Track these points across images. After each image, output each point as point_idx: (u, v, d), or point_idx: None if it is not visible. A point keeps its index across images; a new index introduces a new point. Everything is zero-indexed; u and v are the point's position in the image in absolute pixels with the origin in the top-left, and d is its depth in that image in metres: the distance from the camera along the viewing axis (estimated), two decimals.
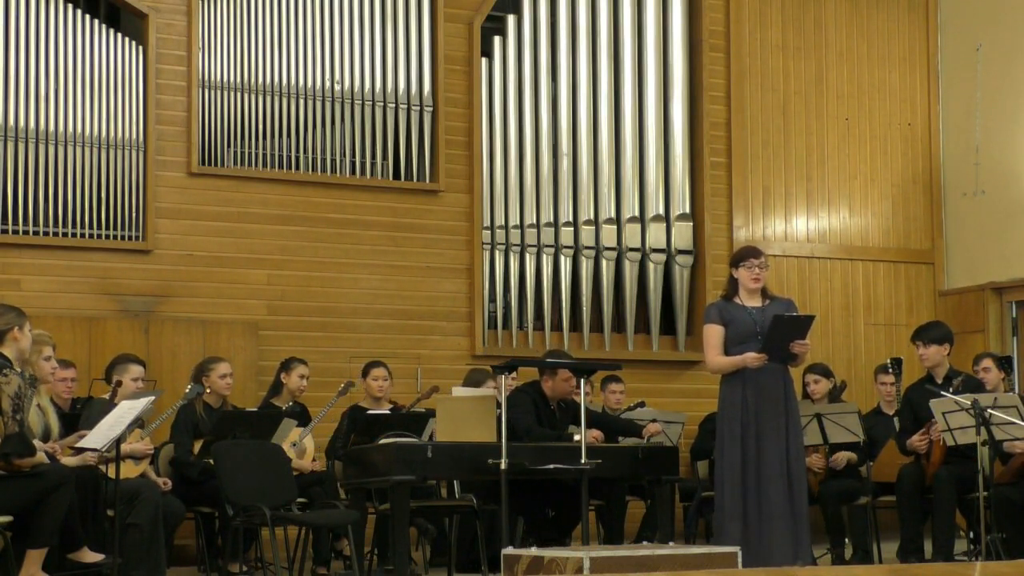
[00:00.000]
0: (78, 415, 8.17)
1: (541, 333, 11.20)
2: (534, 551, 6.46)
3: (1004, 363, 9.38)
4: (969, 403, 7.85)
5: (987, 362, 9.14)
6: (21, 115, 9.78)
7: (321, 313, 10.51)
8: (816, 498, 8.86)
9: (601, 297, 11.35)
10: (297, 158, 10.59)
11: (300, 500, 8.30)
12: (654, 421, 9.61)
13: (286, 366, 9.21)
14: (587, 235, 11.34)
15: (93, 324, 9.77)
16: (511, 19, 11.35)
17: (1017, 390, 10.50)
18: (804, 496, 7.56)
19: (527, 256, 11.17)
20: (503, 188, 11.17)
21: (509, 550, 6.62)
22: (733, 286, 7.68)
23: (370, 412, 8.89)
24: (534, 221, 11.22)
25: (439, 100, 10.95)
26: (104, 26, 10.15)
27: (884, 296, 12.31)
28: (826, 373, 9.60)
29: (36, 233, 9.80)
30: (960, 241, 12.38)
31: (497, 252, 11.09)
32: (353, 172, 10.72)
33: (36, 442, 6.82)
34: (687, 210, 11.60)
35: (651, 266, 11.47)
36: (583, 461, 7.57)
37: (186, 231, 10.21)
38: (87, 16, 10.08)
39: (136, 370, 8.26)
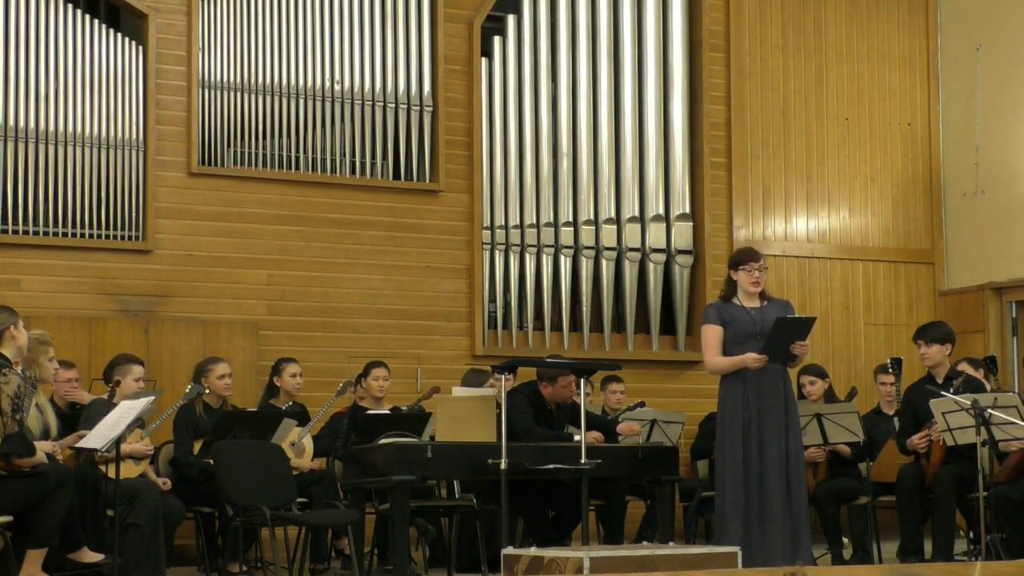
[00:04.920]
0: (78, 415, 8.18)
1: (541, 333, 11.20)
2: (534, 551, 6.46)
3: (988, 363, 9.38)
4: (969, 403, 7.85)
5: (963, 366, 9.15)
6: (21, 115, 9.78)
7: (321, 313, 10.51)
8: (811, 498, 8.86)
9: (601, 297, 11.35)
10: (297, 158, 10.59)
11: (300, 500, 8.30)
12: (653, 422, 9.63)
13: (276, 368, 9.22)
14: (587, 235, 11.34)
15: (93, 324, 9.77)
16: (511, 19, 11.35)
17: (1017, 390, 10.51)
18: (803, 496, 7.56)
19: (527, 256, 11.17)
20: (503, 188, 11.17)
21: (509, 550, 6.62)
22: (731, 287, 7.67)
23: (370, 412, 8.90)
24: (534, 221, 11.22)
25: (439, 100, 10.95)
26: (104, 26, 10.15)
27: (884, 296, 12.31)
28: (821, 374, 9.61)
29: (36, 233, 9.80)
30: (960, 241, 12.38)
31: (497, 252, 11.09)
32: (353, 172, 10.72)
33: (36, 442, 6.83)
34: (687, 210, 11.60)
35: (651, 266, 11.47)
36: (583, 461, 7.56)
37: (186, 231, 10.21)
38: (87, 16, 10.08)
39: (137, 370, 8.27)
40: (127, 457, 7.58)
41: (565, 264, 11.27)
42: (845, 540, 9.31)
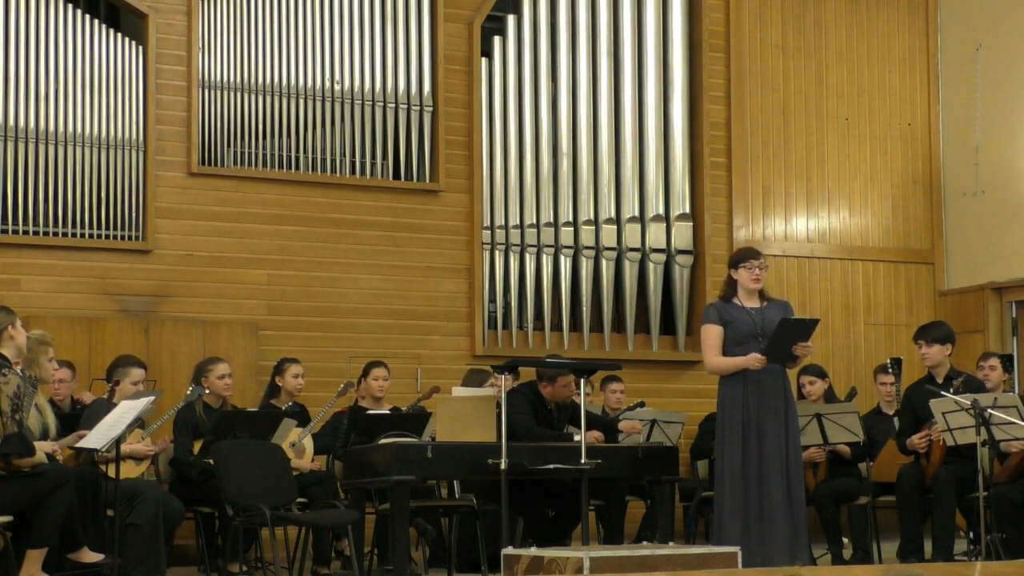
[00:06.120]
0: (78, 415, 8.18)
1: (541, 333, 11.20)
2: (534, 551, 6.46)
3: (1006, 362, 9.39)
4: (969, 403, 7.85)
5: (993, 361, 9.14)
6: (21, 115, 9.78)
7: (321, 313, 10.52)
8: (811, 498, 8.87)
9: (601, 297, 11.35)
10: (297, 158, 10.59)
11: (300, 500, 8.30)
12: (653, 422, 9.63)
13: (279, 368, 9.21)
14: (587, 235, 11.34)
15: (93, 324, 9.77)
16: (511, 19, 11.35)
17: (1017, 390, 10.51)
18: (802, 495, 7.57)
19: (527, 256, 11.17)
20: (503, 188, 11.17)
21: (509, 550, 6.62)
22: (731, 287, 7.67)
23: (370, 412, 8.89)
24: (534, 221, 11.22)
25: (439, 100, 10.95)
26: (104, 26, 10.15)
27: (884, 296, 12.31)
28: (821, 374, 9.61)
29: (36, 233, 9.80)
30: (960, 241, 12.38)
31: (497, 252, 11.09)
32: (353, 172, 10.72)
33: (37, 442, 6.83)
34: (687, 210, 11.60)
35: (651, 266, 11.47)
36: (583, 461, 7.57)
37: (186, 231, 10.21)
38: (87, 16, 10.09)
39: (137, 374, 8.25)
40: (127, 457, 7.58)
41: (565, 264, 11.27)
42: (845, 540, 9.32)
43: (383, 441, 7.94)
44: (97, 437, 7.07)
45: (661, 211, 11.55)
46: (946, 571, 5.64)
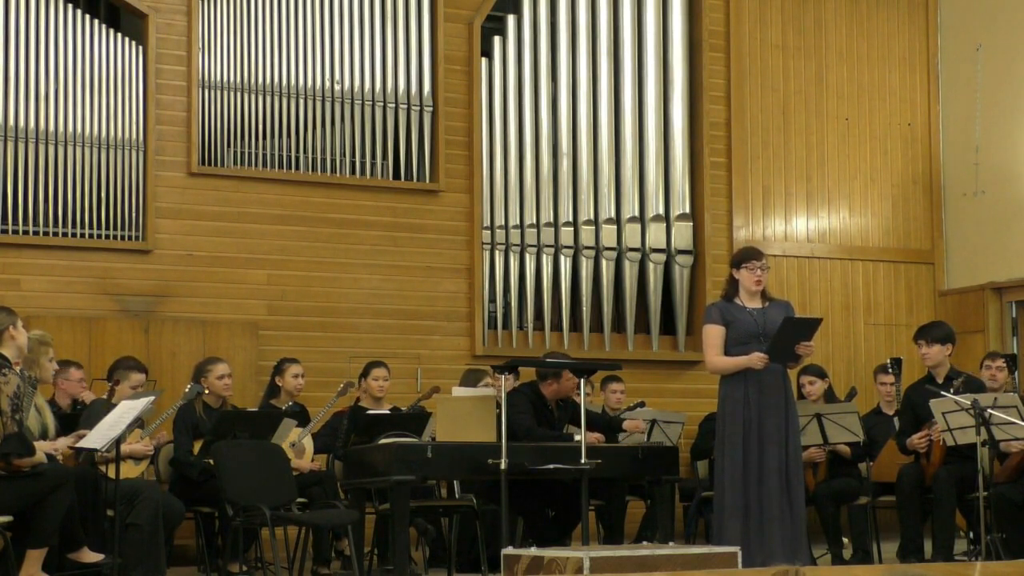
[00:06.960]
0: (78, 415, 8.18)
1: (541, 333, 11.20)
2: (534, 551, 6.47)
3: (1009, 362, 9.40)
4: (969, 403, 7.85)
5: (1000, 362, 9.13)
6: (21, 115, 9.78)
7: (321, 313, 10.52)
8: (811, 498, 8.87)
9: (601, 297, 11.35)
10: (297, 158, 10.59)
11: (300, 500, 8.30)
12: (653, 422, 9.63)
13: (278, 368, 9.21)
14: (587, 235, 11.34)
15: (93, 324, 9.77)
16: (511, 19, 11.35)
17: (1018, 390, 10.51)
18: (801, 495, 7.58)
19: (527, 256, 11.17)
20: (503, 188, 11.17)
21: (509, 550, 6.62)
22: (733, 287, 7.67)
23: (370, 412, 8.89)
24: (534, 221, 11.22)
25: (439, 100, 10.95)
26: (104, 26, 10.15)
27: (884, 296, 12.31)
28: (821, 374, 9.61)
29: (36, 233, 9.80)
30: (960, 241, 12.38)
31: (497, 252, 11.09)
32: (353, 172, 10.72)
33: (37, 442, 6.83)
34: (687, 210, 11.60)
35: (651, 266, 11.47)
36: (583, 461, 7.57)
37: (186, 231, 10.21)
38: (87, 16, 10.09)
39: (136, 379, 8.26)
40: (127, 457, 7.58)
41: (565, 264, 11.27)
42: (845, 540, 9.32)
43: (383, 441, 7.94)
44: (97, 437, 7.06)
45: (661, 211, 11.55)
46: (946, 571, 5.65)
